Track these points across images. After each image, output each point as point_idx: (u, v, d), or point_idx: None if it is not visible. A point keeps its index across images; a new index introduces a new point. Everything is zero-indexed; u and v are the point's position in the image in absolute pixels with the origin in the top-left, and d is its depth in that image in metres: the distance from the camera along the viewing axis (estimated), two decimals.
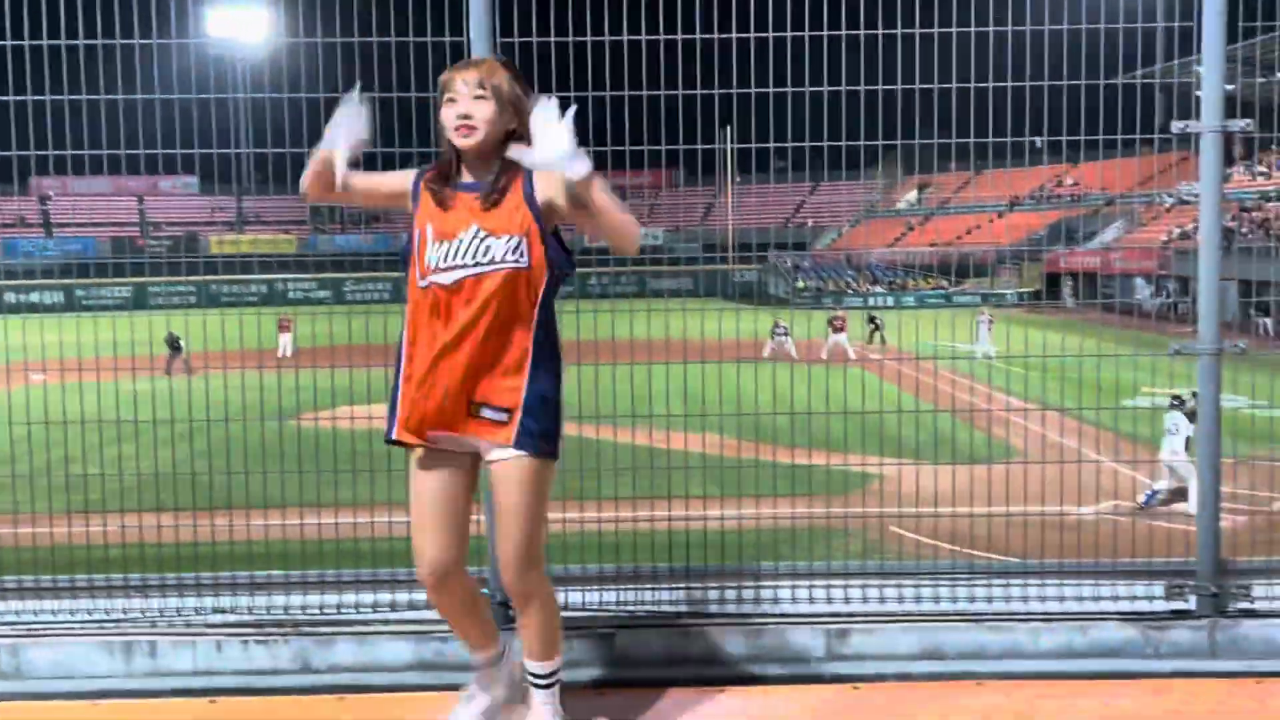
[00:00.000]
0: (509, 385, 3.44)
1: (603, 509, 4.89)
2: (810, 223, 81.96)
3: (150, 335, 4.77)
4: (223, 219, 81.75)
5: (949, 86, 4.76)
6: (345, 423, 4.98)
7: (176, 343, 26.10)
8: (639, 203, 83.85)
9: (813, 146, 4.95)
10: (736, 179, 75.47)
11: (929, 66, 4.69)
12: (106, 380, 4.99)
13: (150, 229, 76.76)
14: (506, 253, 3.41)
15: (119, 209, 79.18)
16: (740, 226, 73.15)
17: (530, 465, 3.46)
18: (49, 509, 5.06)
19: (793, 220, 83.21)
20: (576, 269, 3.59)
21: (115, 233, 73.19)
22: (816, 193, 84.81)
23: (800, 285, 52.86)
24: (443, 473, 3.53)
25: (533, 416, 3.44)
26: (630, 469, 5.12)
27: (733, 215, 73.22)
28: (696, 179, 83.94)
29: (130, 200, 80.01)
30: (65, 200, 76.96)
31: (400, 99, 4.64)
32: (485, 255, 3.40)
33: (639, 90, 4.68)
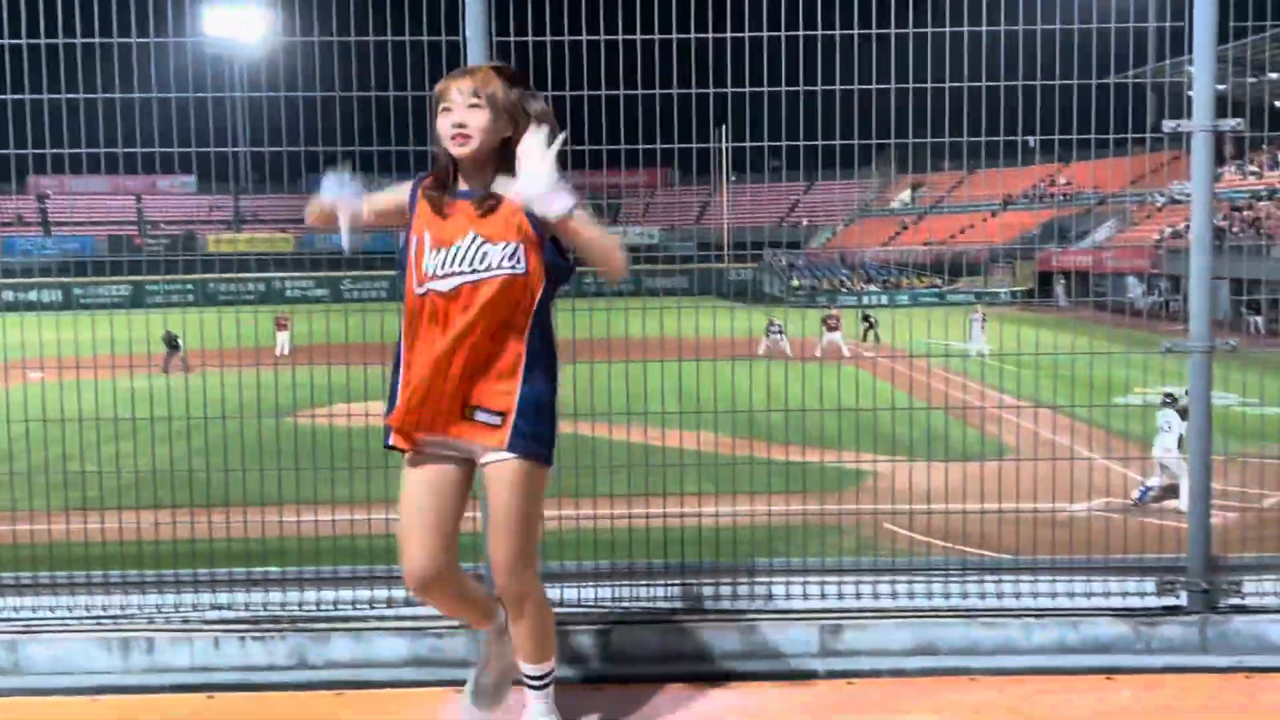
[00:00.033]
0: (503, 389, 3.44)
1: (598, 506, 4.91)
2: (805, 222, 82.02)
3: (148, 333, 4.76)
4: (220, 218, 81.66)
5: (942, 86, 4.78)
6: (342, 420, 4.99)
7: (174, 341, 26.13)
8: (634, 201, 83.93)
9: (807, 146, 4.98)
10: (731, 178, 75.51)
11: (922, 66, 4.71)
12: (104, 378, 5.01)
13: (148, 228, 76.67)
14: (503, 259, 3.41)
15: (117, 208, 79.12)
16: (735, 225, 73.17)
17: (523, 468, 3.47)
18: (47, 506, 5.08)
19: (787, 219, 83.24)
20: (575, 272, 3.59)
21: (113, 231, 73.07)
22: (811, 192, 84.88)
23: (795, 284, 52.88)
24: (435, 479, 3.53)
25: (526, 419, 3.45)
26: (625, 466, 5.13)
27: (728, 214, 73.23)
28: (692, 178, 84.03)
29: (128, 199, 79.91)
30: (63, 199, 76.85)
31: (396, 98, 4.66)
32: (482, 262, 3.40)
33: (634, 89, 4.70)
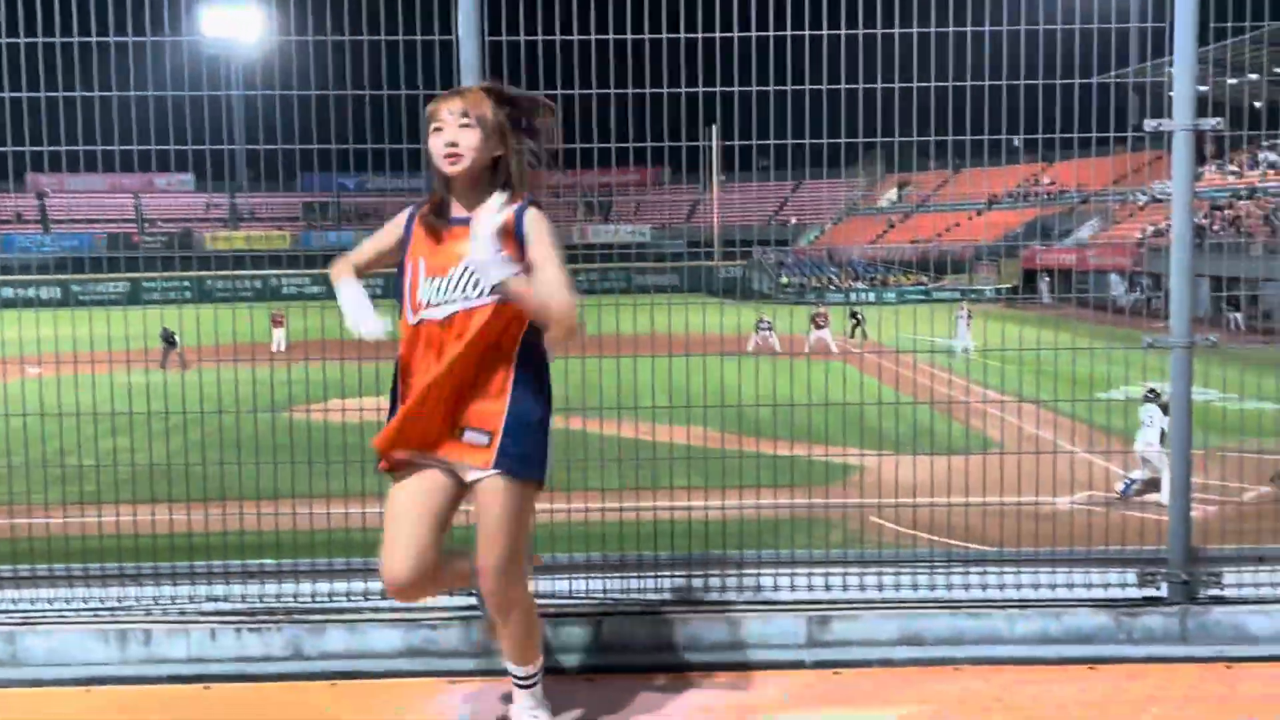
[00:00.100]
0: (491, 409, 3.48)
1: (589, 499, 4.95)
2: (793, 220, 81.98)
3: (145, 330, 4.78)
4: (217, 215, 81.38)
5: (928, 85, 4.84)
6: (336, 415, 5.03)
7: (171, 337, 26.10)
8: (625, 199, 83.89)
9: (795, 145, 5.03)
10: (721, 177, 75.43)
11: (908, 66, 4.77)
12: (102, 373, 5.04)
13: (146, 225, 76.38)
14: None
15: (115, 206, 78.82)
16: (725, 223, 73.16)
17: (509, 486, 3.49)
18: (45, 500, 5.10)
19: (776, 218, 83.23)
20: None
21: (111, 229, 72.77)
22: (799, 191, 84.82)
23: (784, 281, 52.89)
24: (424, 486, 3.55)
25: (512, 438, 3.47)
26: (617, 460, 5.19)
27: (717, 212, 73.21)
28: (682, 177, 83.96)
29: (126, 197, 79.58)
30: (62, 197, 76.55)
31: (390, 96, 4.71)
32: (475, 289, 3.44)
33: (625, 89, 4.74)
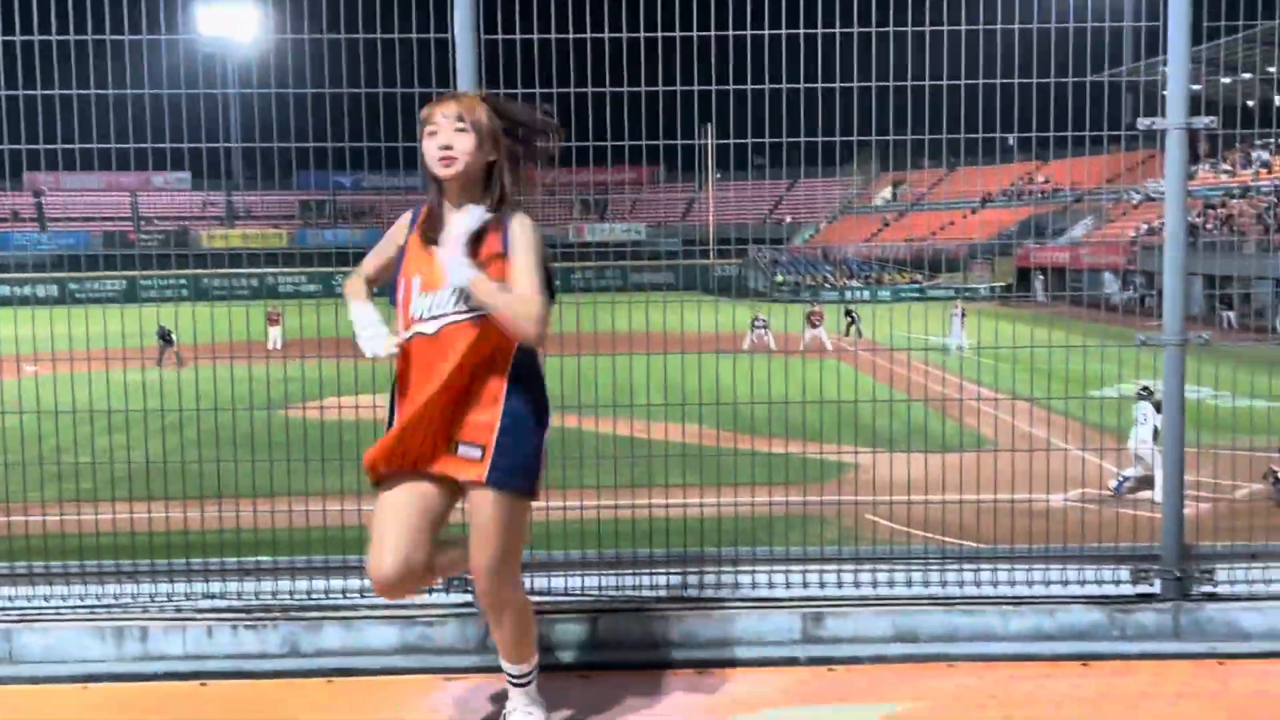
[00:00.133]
0: (484, 422, 3.49)
1: (585, 496, 4.97)
2: (789, 218, 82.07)
3: (141, 328, 4.77)
4: (214, 214, 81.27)
5: (922, 84, 4.86)
6: (333, 413, 5.05)
7: (168, 335, 26.04)
8: (621, 198, 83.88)
9: (790, 143, 5.04)
10: (717, 175, 75.45)
11: (903, 65, 4.79)
12: (98, 371, 5.05)
13: (142, 224, 76.27)
14: None
15: (111, 204, 78.76)
16: (720, 222, 73.19)
17: (501, 499, 3.51)
18: (41, 497, 5.11)
19: (771, 216, 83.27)
20: (555, 298, 3.59)
21: (108, 227, 72.70)
22: (795, 189, 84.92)
23: (779, 280, 52.89)
24: (416, 489, 3.55)
25: (504, 452, 3.48)
26: (613, 457, 5.20)
27: (713, 211, 73.24)
28: (677, 175, 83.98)
29: (123, 195, 79.50)
30: (59, 195, 76.46)
31: (385, 95, 4.72)
32: (466, 301, 3.44)
33: (621, 87, 4.75)
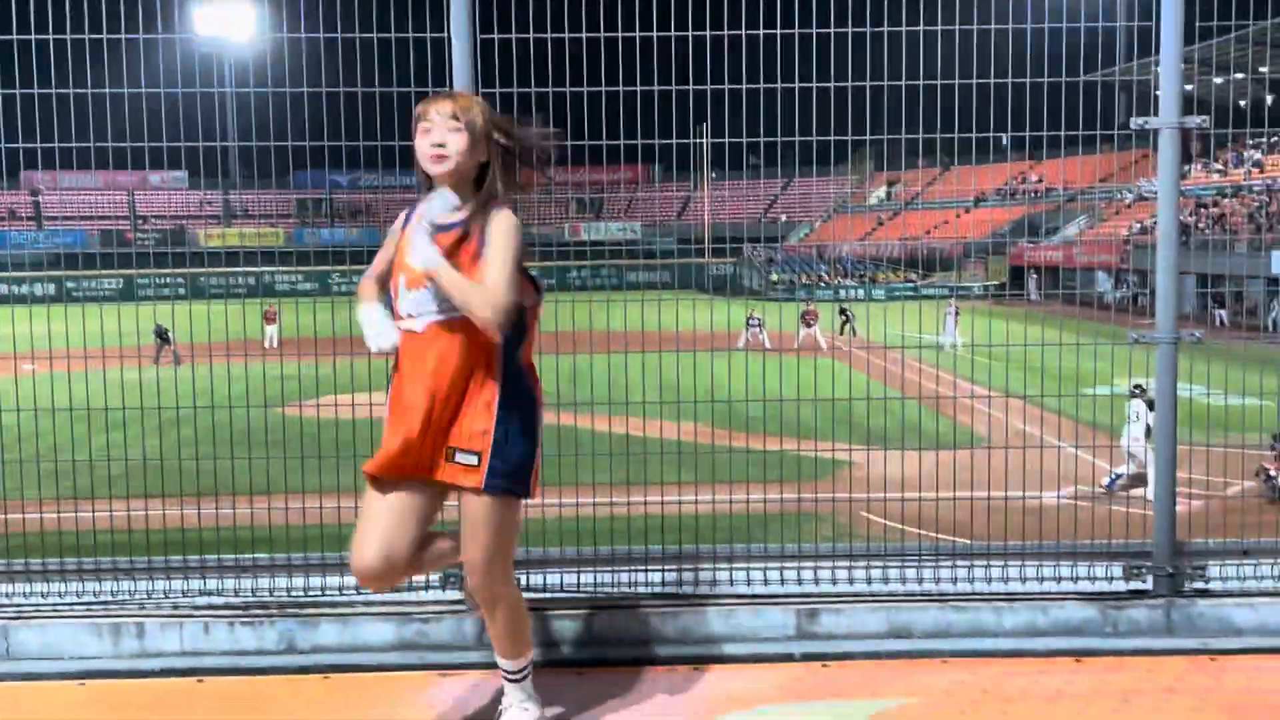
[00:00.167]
0: (479, 428, 3.49)
1: (581, 494, 4.98)
2: (784, 217, 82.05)
3: (138, 326, 4.77)
4: (211, 212, 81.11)
5: (916, 84, 4.88)
6: (329, 411, 5.06)
7: (165, 333, 25.97)
8: (616, 197, 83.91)
9: (785, 143, 5.06)
10: (712, 175, 75.47)
11: (897, 65, 4.81)
12: (95, 369, 5.06)
13: (139, 222, 76.14)
14: None
15: (109, 203, 78.65)
16: (715, 221, 73.20)
17: (496, 503, 3.52)
18: (39, 495, 5.11)
19: (766, 215, 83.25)
20: (536, 307, 3.60)
21: (105, 226, 72.59)
22: (789, 188, 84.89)
23: (774, 278, 52.85)
24: (405, 486, 3.56)
25: (501, 457, 3.49)
26: (608, 455, 5.22)
27: (708, 210, 73.25)
28: (673, 174, 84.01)
29: (120, 194, 79.41)
30: (56, 194, 76.32)
31: (382, 94, 4.74)
32: (447, 300, 3.43)
33: (616, 87, 4.77)
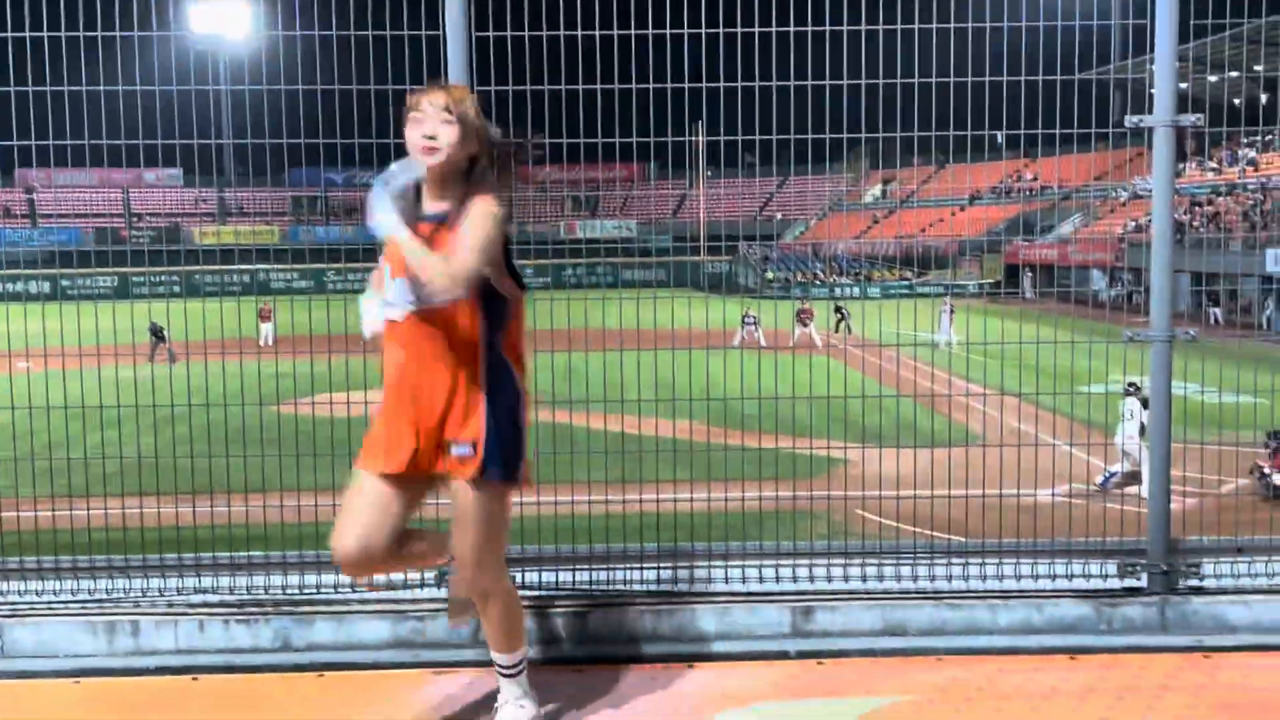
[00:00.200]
0: (470, 419, 3.49)
1: (577, 492, 4.99)
2: (779, 215, 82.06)
3: (133, 324, 4.76)
4: (206, 210, 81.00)
5: (912, 82, 4.88)
6: (324, 409, 5.05)
7: (160, 331, 25.94)
8: (612, 195, 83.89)
9: (781, 141, 5.06)
10: (708, 173, 75.48)
11: (893, 63, 4.81)
12: (90, 367, 5.06)
13: (134, 220, 76.04)
14: None
15: (103, 201, 78.55)
16: (711, 219, 73.19)
17: (490, 491, 3.53)
18: (33, 493, 5.12)
19: (762, 213, 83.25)
20: (517, 300, 3.58)
21: (100, 223, 72.48)
22: (785, 186, 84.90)
23: (769, 276, 52.86)
24: (388, 483, 3.56)
25: (495, 443, 3.50)
26: (604, 453, 5.22)
27: (704, 208, 73.26)
28: (668, 172, 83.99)
29: (114, 192, 79.29)
30: (51, 192, 76.18)
31: (377, 92, 4.73)
32: (423, 292, 3.43)
33: (611, 84, 4.77)
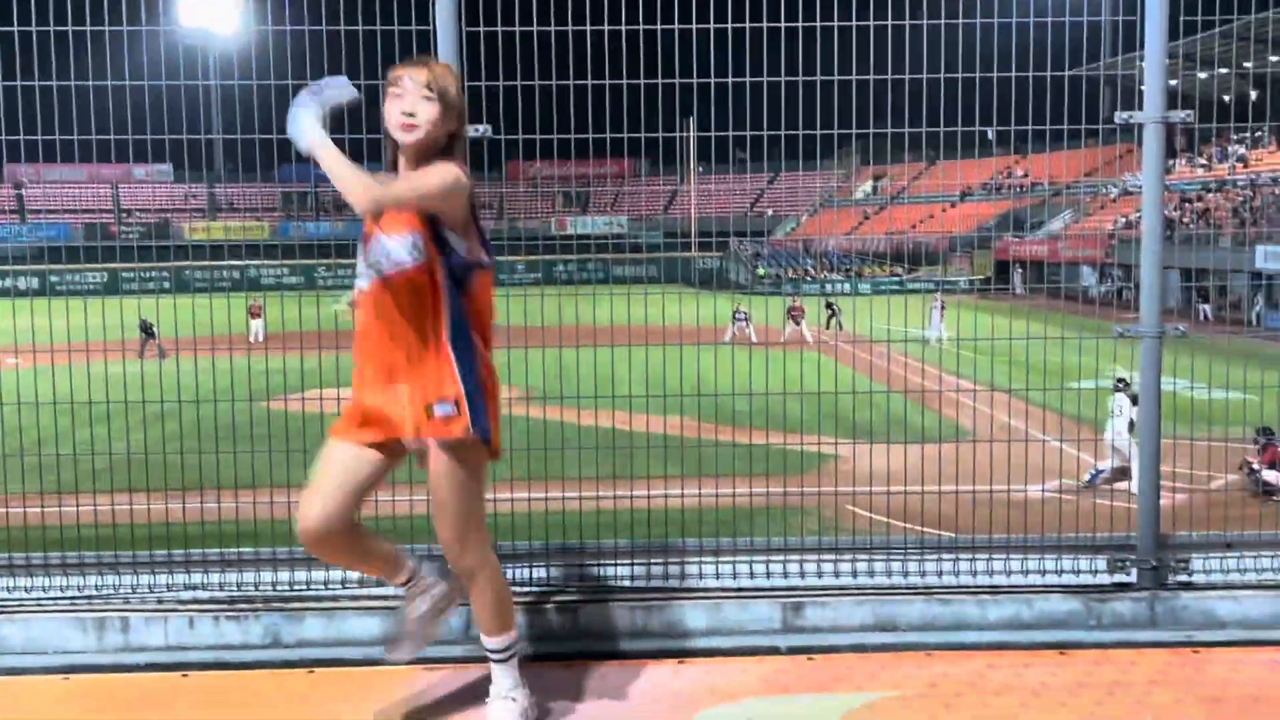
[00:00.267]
0: (447, 380, 3.50)
1: (567, 488, 4.99)
2: (770, 212, 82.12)
3: (122, 320, 4.75)
4: (196, 206, 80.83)
5: (903, 78, 4.88)
6: (314, 405, 5.04)
7: (150, 328, 25.85)
8: (603, 190, 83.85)
9: (772, 137, 5.07)
10: (699, 169, 75.46)
11: (883, 60, 4.82)
12: (79, 363, 5.04)
13: (124, 216, 75.83)
14: (406, 251, 3.47)
15: (93, 196, 78.33)
16: (702, 215, 73.22)
17: (473, 446, 3.54)
18: (22, 489, 5.10)
19: (753, 209, 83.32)
20: (484, 266, 3.57)
21: (89, 219, 72.25)
22: (776, 183, 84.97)
23: (760, 272, 52.89)
24: (360, 456, 3.58)
25: (474, 401, 3.51)
26: (594, 449, 5.23)
27: (695, 204, 73.28)
28: (659, 168, 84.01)
29: (104, 187, 79.07)
30: (40, 187, 75.90)
31: (367, 86, 4.71)
32: (389, 258, 3.47)
33: (602, 80, 4.76)
